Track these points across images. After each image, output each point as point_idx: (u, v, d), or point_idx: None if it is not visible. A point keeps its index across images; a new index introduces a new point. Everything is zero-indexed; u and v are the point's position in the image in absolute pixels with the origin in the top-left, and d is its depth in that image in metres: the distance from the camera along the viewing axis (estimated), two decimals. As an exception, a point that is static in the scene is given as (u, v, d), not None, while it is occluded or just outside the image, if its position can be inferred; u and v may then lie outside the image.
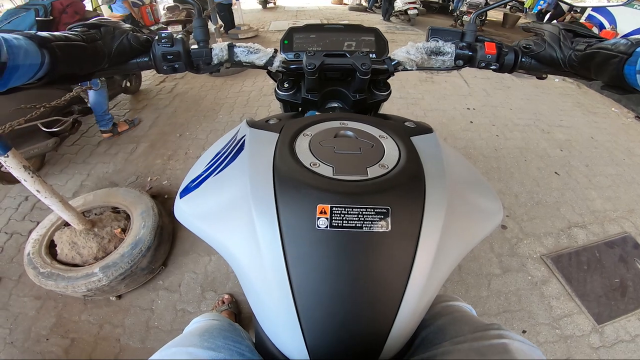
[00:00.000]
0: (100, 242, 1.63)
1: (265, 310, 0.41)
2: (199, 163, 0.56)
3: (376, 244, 0.36)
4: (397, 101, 3.70)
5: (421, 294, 0.38)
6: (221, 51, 0.64)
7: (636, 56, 0.45)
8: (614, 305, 1.70)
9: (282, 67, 0.67)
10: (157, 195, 2.28)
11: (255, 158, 0.44)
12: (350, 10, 10.00)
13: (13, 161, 1.22)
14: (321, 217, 0.36)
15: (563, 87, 4.32)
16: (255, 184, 0.40)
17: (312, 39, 0.70)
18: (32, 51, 0.43)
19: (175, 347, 0.47)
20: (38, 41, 0.44)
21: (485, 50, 0.64)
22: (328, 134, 0.48)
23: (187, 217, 0.47)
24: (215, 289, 1.71)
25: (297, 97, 0.72)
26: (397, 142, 0.47)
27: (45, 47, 0.44)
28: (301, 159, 0.42)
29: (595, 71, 0.53)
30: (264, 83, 4.02)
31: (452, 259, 0.40)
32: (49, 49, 0.45)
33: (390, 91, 0.73)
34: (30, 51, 0.43)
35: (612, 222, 2.21)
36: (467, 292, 1.73)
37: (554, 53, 0.59)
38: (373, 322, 0.37)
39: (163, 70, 0.61)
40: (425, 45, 0.66)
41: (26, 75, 0.44)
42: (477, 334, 0.46)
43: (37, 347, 1.49)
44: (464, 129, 3.23)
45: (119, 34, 0.56)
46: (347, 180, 0.39)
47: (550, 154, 2.90)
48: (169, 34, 0.59)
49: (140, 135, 3.01)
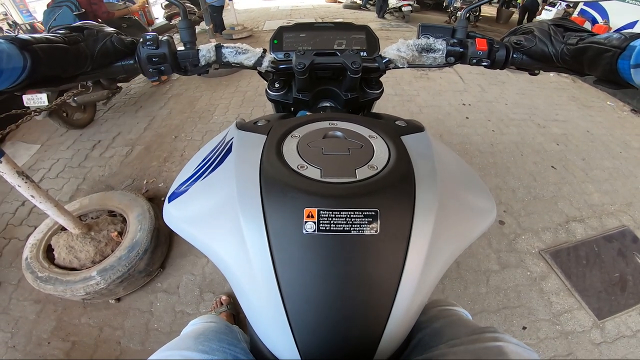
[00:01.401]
0: (97, 245, 1.63)
1: (256, 314, 0.41)
2: (187, 167, 0.55)
3: (365, 247, 0.36)
4: (392, 98, 3.69)
5: (414, 295, 0.37)
6: (208, 52, 0.63)
7: (630, 50, 0.44)
8: (614, 300, 1.70)
9: (271, 67, 0.66)
10: (153, 197, 2.27)
11: (242, 161, 0.43)
12: (344, 8, 9.98)
13: (6, 167, 1.22)
14: (308, 221, 0.35)
15: (558, 82, 4.33)
16: (242, 187, 0.40)
17: (302, 38, 0.69)
18: (14, 55, 0.42)
19: (170, 350, 0.47)
20: (19, 44, 0.43)
21: (476, 47, 0.64)
22: (317, 134, 0.48)
23: (176, 221, 0.47)
24: (213, 290, 1.71)
25: (289, 97, 0.71)
26: (387, 142, 0.47)
27: (26, 50, 0.44)
28: (288, 162, 0.42)
29: (588, 66, 0.52)
30: (259, 83, 4.00)
31: (445, 259, 0.40)
32: (29, 51, 0.44)
33: (382, 89, 0.73)
34: (12, 55, 0.42)
35: (610, 216, 2.21)
36: (465, 288, 1.73)
37: (546, 48, 0.58)
38: (365, 325, 0.37)
39: (149, 73, 0.60)
40: (416, 42, 0.66)
41: (9, 80, 0.43)
42: (473, 336, 0.46)
43: (38, 351, 1.49)
44: (460, 124, 3.23)
45: (102, 36, 0.55)
46: (335, 182, 0.39)
47: (547, 148, 2.90)
48: (154, 35, 0.58)
49: (136, 138, 3.00)
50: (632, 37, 0.46)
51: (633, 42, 0.45)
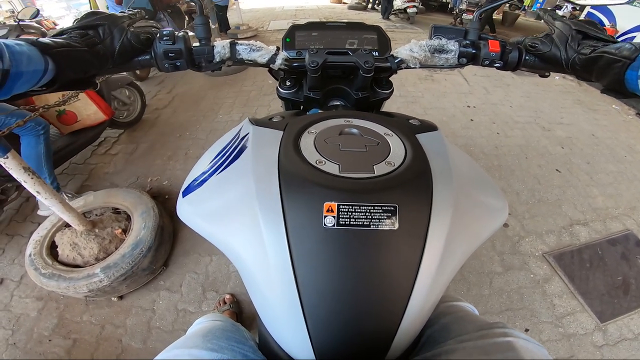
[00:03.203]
0: (101, 242, 1.63)
1: (270, 310, 0.40)
2: (201, 161, 0.55)
3: (384, 243, 0.36)
4: (396, 99, 3.69)
5: (429, 293, 0.37)
6: (223, 49, 0.64)
7: (639, 61, 0.45)
8: (616, 303, 1.70)
9: (284, 65, 0.66)
10: (157, 195, 2.27)
11: (260, 156, 0.43)
12: (349, 9, 10.00)
13: (12, 162, 1.22)
14: (328, 215, 0.35)
15: (563, 85, 4.31)
16: (260, 182, 0.39)
17: (314, 37, 0.69)
18: (35, 57, 0.42)
19: (177, 349, 0.47)
20: (40, 48, 0.44)
21: (489, 48, 0.64)
22: (333, 131, 0.48)
23: (190, 216, 0.47)
24: (216, 289, 1.71)
25: (300, 96, 0.71)
26: (403, 139, 0.47)
27: (48, 54, 0.44)
28: (306, 157, 0.42)
29: (596, 75, 0.53)
30: (264, 82, 4.01)
31: (459, 257, 0.40)
32: (52, 56, 0.45)
33: (392, 89, 0.73)
34: (33, 57, 0.42)
35: (614, 220, 2.20)
36: (468, 290, 1.73)
37: (558, 53, 0.58)
38: (380, 321, 0.37)
39: (165, 68, 0.61)
40: (429, 43, 0.66)
41: (30, 82, 0.43)
42: (482, 332, 0.46)
43: (39, 348, 1.49)
44: (465, 126, 3.22)
45: (118, 32, 0.55)
46: (354, 177, 0.39)
47: (551, 152, 2.89)
48: (170, 31, 0.59)
49: (140, 136, 3.01)
50: None
51: None
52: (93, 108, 2.23)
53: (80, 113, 2.21)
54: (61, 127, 2.18)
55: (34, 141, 1.82)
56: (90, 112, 2.24)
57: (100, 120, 2.32)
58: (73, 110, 2.16)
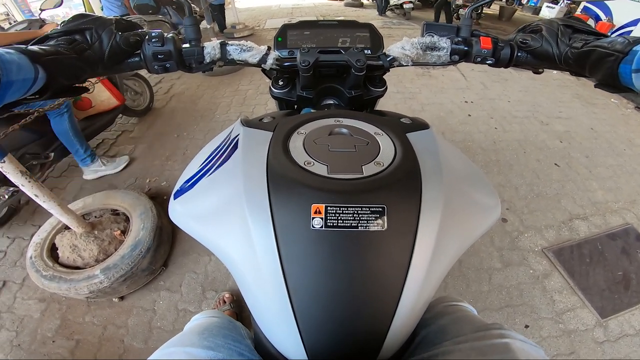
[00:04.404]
0: (101, 244, 1.63)
1: (262, 311, 0.41)
2: (192, 163, 0.56)
3: (372, 244, 0.36)
4: (394, 96, 3.68)
5: (419, 292, 0.37)
6: (213, 50, 0.63)
7: (632, 55, 0.44)
8: (617, 298, 1.69)
9: (276, 64, 0.66)
10: (156, 196, 2.28)
11: (249, 157, 0.43)
12: (345, 6, 9.94)
13: (10, 166, 1.22)
14: (316, 217, 0.35)
15: (561, 79, 4.30)
16: (248, 183, 0.40)
17: (306, 36, 0.69)
18: (25, 66, 0.42)
19: (173, 347, 0.47)
20: (30, 56, 0.44)
21: (481, 45, 0.64)
22: (323, 131, 0.48)
23: (181, 218, 0.47)
24: (216, 288, 1.72)
25: (292, 95, 0.71)
26: (393, 139, 0.47)
27: (38, 63, 0.44)
28: (295, 158, 0.42)
29: (590, 69, 0.52)
30: (261, 81, 4.00)
31: (450, 256, 0.40)
32: (42, 64, 0.45)
33: (386, 87, 0.73)
34: (23, 66, 0.42)
35: (613, 214, 2.20)
36: (467, 287, 1.73)
37: (550, 49, 0.58)
38: (371, 321, 0.37)
39: (154, 70, 0.61)
40: (421, 41, 0.66)
41: (20, 91, 0.43)
42: (479, 333, 0.46)
43: (43, 349, 1.50)
44: (462, 122, 3.22)
45: (106, 36, 0.55)
46: (342, 179, 0.39)
47: (550, 146, 2.89)
48: (159, 33, 0.59)
49: (138, 137, 3.01)
50: (636, 42, 0.45)
51: (636, 46, 0.45)
52: (107, 94, 2.43)
53: (95, 99, 2.41)
54: (77, 113, 2.32)
55: (59, 119, 2.07)
56: (104, 98, 2.44)
57: (113, 106, 2.51)
58: (88, 97, 2.35)
